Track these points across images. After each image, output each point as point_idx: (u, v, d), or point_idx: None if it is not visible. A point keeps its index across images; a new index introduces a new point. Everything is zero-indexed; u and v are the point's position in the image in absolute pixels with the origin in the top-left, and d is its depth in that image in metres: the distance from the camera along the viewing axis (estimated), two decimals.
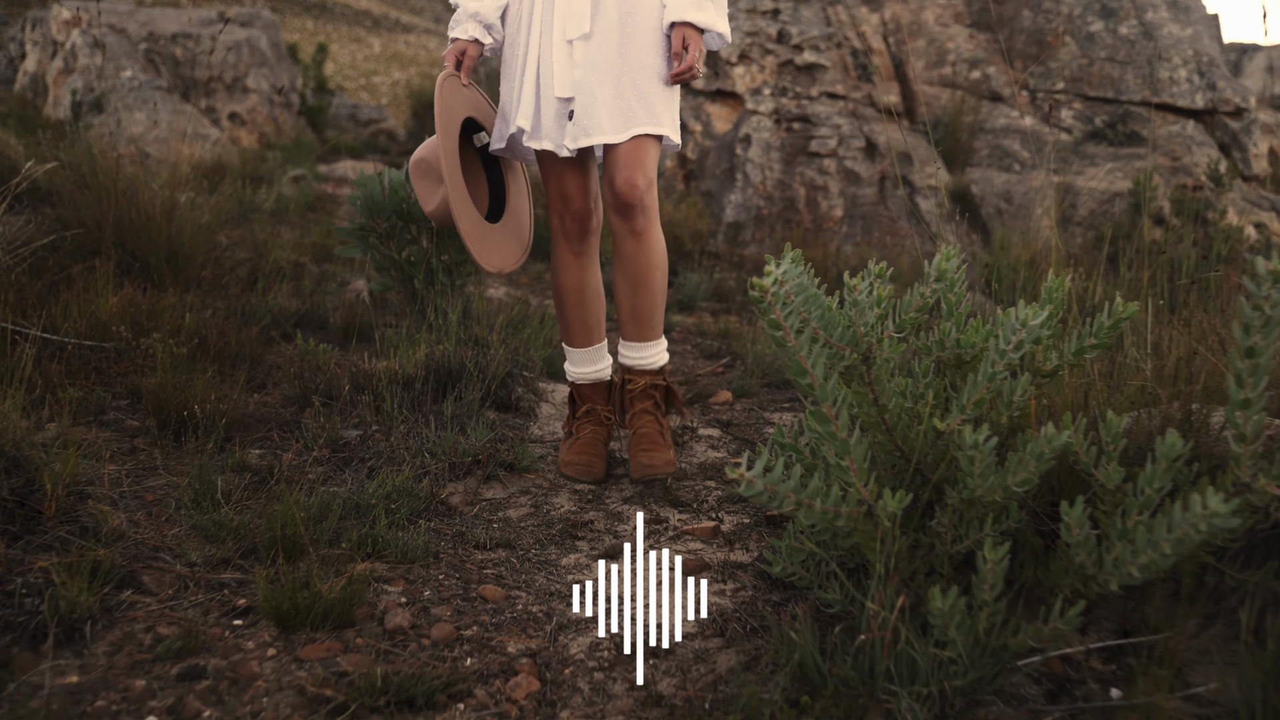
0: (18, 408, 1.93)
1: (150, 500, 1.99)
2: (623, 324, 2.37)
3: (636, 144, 2.21)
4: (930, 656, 1.36)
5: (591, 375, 2.44)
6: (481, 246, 2.28)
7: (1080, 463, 1.51)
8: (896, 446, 1.57)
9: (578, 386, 2.45)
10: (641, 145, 2.22)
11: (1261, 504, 1.42)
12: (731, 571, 1.82)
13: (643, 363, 2.36)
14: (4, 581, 1.54)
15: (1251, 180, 5.29)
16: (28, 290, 3.14)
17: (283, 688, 1.40)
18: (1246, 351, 1.36)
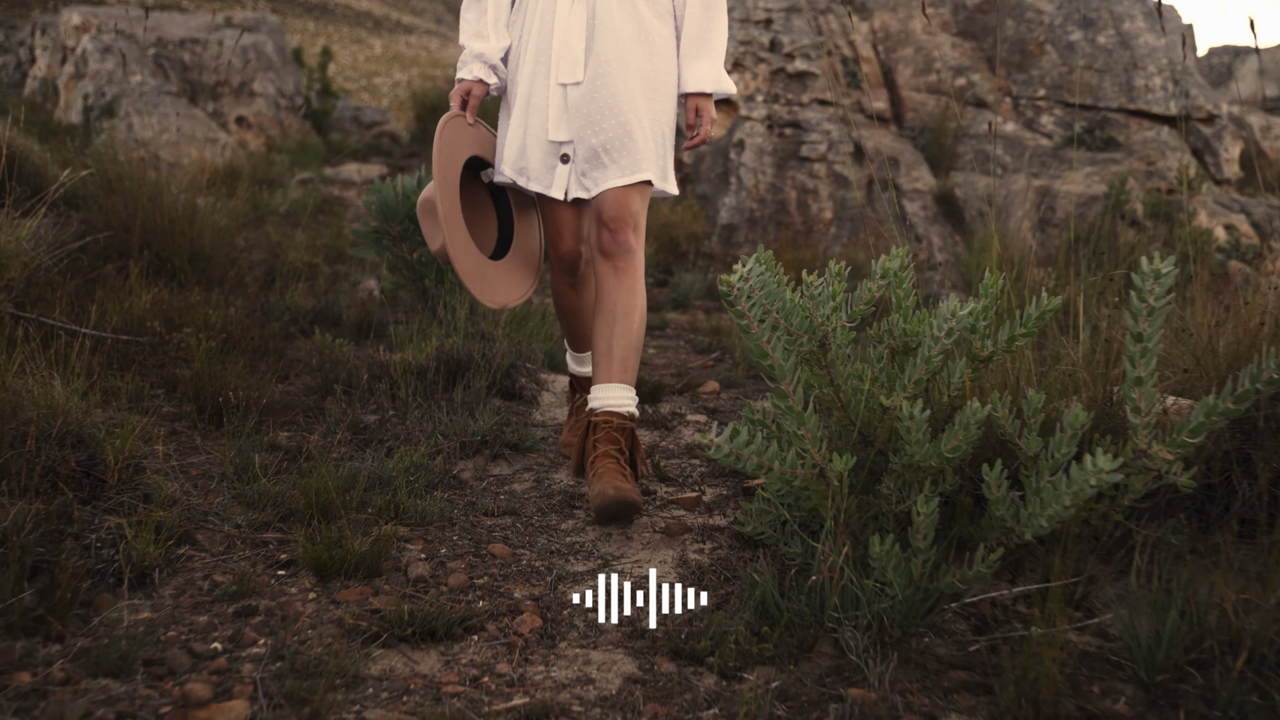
0: (78, 392, 2.20)
1: (194, 474, 2.26)
2: (596, 364, 2.30)
3: (637, 188, 2.29)
4: (871, 594, 1.63)
5: (589, 370, 2.63)
6: (483, 285, 2.35)
7: (1005, 433, 1.78)
8: (850, 421, 1.84)
9: (577, 378, 2.68)
10: (641, 190, 2.30)
11: (1155, 467, 1.68)
12: (710, 533, 2.09)
13: (612, 405, 2.25)
14: (81, 536, 1.81)
15: (1223, 183, 5.55)
16: (64, 289, 3.41)
17: (324, 622, 1.67)
18: (1135, 337, 1.63)
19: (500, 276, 2.43)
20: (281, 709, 1.41)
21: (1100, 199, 5.16)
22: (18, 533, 1.69)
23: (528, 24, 2.37)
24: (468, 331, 3.21)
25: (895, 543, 1.63)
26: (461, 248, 2.31)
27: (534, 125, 2.31)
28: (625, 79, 2.27)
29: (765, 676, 1.53)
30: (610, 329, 2.29)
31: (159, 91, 8.92)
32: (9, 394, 2.05)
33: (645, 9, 2.32)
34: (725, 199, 5.68)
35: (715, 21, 2.39)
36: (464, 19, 2.46)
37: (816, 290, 1.76)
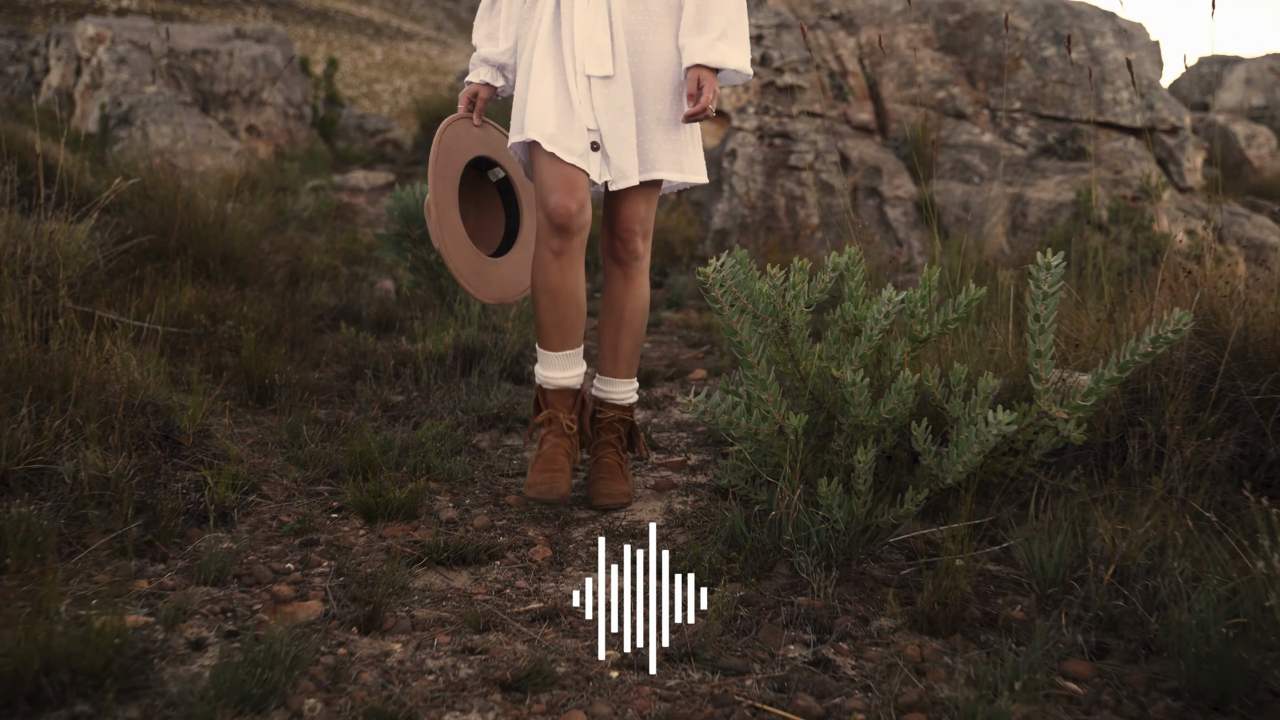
0: (156, 370, 2.60)
1: (250, 443, 2.65)
2: (602, 359, 2.50)
3: (642, 192, 2.37)
4: (819, 526, 2.02)
5: (560, 381, 2.38)
6: (477, 281, 2.42)
7: (935, 399, 2.17)
8: (808, 390, 2.23)
9: (544, 392, 2.40)
10: (647, 194, 2.38)
11: (1052, 424, 2.08)
12: (692, 488, 2.49)
13: (614, 397, 2.48)
14: (169, 484, 2.20)
15: (1186, 191, 5.96)
16: (111, 286, 3.81)
17: (373, 550, 2.06)
18: (1034, 318, 2.03)
19: (498, 273, 2.49)
20: (348, 607, 1.80)
21: (1069, 205, 5.56)
22: (121, 479, 2.09)
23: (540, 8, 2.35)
24: (481, 324, 3.61)
25: (840, 485, 2.03)
26: (455, 244, 2.38)
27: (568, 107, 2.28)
28: (645, 73, 2.32)
29: (732, 589, 1.92)
30: (617, 329, 2.47)
31: (174, 101, 9.34)
32: (99, 371, 2.45)
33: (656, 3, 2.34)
34: (718, 205, 6.08)
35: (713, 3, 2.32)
36: (477, 24, 2.53)
37: (779, 280, 2.16)
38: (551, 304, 2.34)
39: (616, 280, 2.47)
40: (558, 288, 2.33)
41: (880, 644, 1.76)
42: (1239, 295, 2.37)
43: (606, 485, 2.37)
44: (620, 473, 2.41)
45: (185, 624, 1.69)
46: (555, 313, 2.35)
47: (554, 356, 2.38)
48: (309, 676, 1.55)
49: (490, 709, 1.51)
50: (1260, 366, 2.21)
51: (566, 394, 2.40)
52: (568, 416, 2.38)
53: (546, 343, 2.38)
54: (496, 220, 2.63)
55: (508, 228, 2.63)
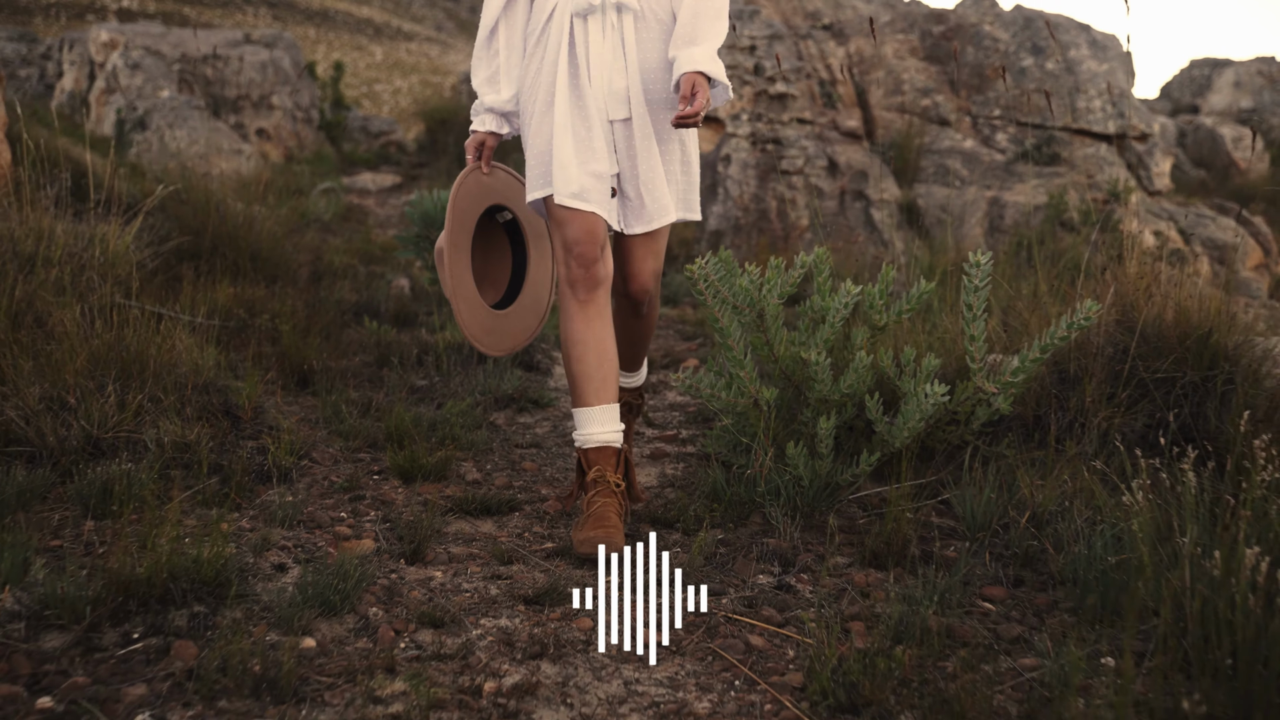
0: (214, 355, 3.01)
1: (296, 419, 3.07)
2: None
3: (657, 234, 2.45)
4: (788, 483, 2.43)
5: (600, 437, 2.33)
6: (486, 339, 2.49)
7: (888, 377, 2.59)
8: (780, 369, 2.65)
9: (585, 452, 2.35)
10: (661, 235, 2.47)
11: (986, 398, 2.49)
12: (683, 456, 2.91)
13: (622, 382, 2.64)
14: (235, 449, 2.62)
15: (1155, 194, 6.37)
16: (153, 283, 4.22)
17: (412, 503, 2.48)
18: (967, 307, 2.44)
19: (505, 325, 2.55)
20: (395, 544, 2.22)
21: (1043, 208, 5.98)
22: (199, 444, 2.50)
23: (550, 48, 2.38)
24: None
25: (805, 449, 2.44)
26: (468, 307, 2.44)
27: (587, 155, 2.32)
28: (656, 119, 2.38)
29: (713, 533, 2.34)
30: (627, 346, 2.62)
31: (188, 106, 9.75)
32: (169, 356, 2.86)
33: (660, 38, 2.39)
34: (714, 208, 6.50)
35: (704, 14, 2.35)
36: (476, 63, 2.52)
37: (756, 276, 2.57)
38: (582, 356, 2.33)
39: (628, 315, 2.59)
40: (585, 339, 2.33)
41: (834, 575, 2.17)
42: (1150, 290, 2.78)
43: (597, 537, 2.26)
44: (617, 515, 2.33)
45: (268, 553, 2.10)
46: (586, 364, 2.33)
47: (591, 412, 2.34)
48: (370, 593, 1.97)
49: (516, 616, 1.93)
50: (1164, 350, 2.62)
51: (609, 451, 2.34)
52: (615, 475, 2.32)
53: (582, 398, 2.35)
54: (504, 261, 2.68)
55: (514, 268, 2.67)
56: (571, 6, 2.36)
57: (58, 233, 3.85)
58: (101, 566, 1.88)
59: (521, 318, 2.59)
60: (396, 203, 9.11)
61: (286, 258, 5.21)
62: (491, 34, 2.51)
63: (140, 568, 1.82)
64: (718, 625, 1.92)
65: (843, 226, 6.33)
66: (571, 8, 2.36)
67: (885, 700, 1.62)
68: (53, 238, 3.83)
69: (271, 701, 1.57)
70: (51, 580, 1.79)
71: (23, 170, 4.91)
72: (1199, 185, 11.48)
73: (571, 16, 2.37)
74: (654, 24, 2.40)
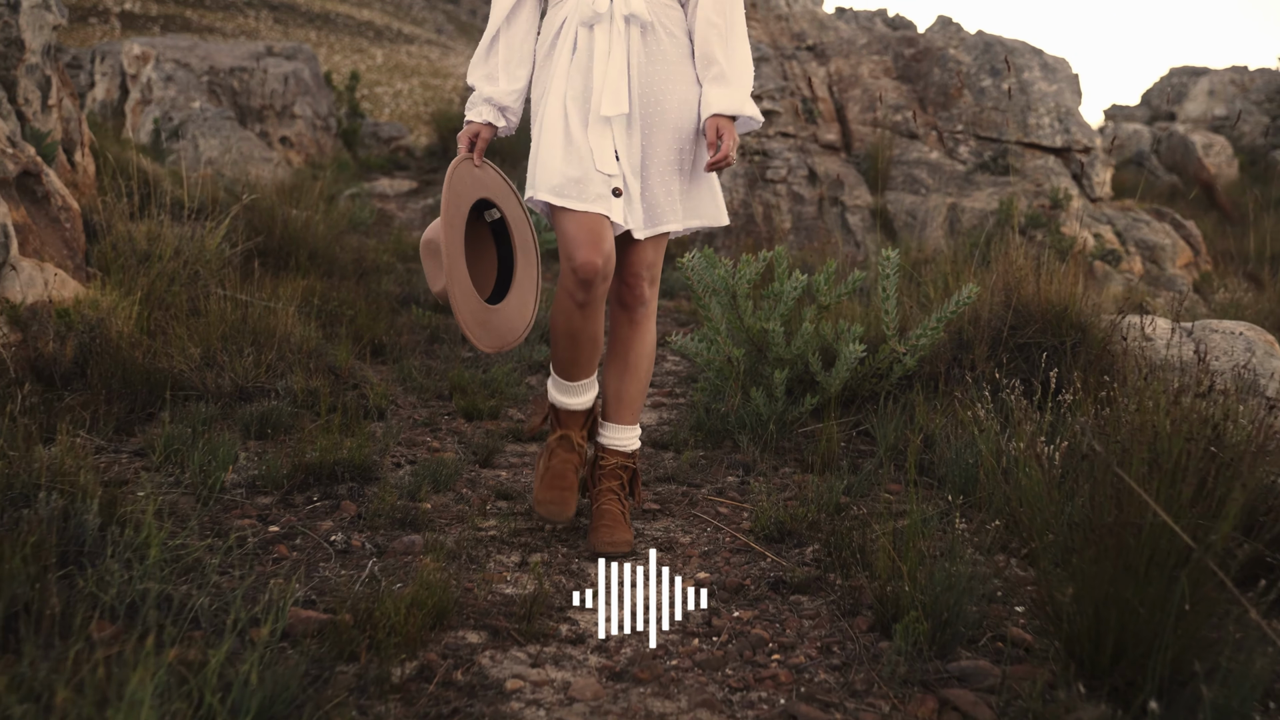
0: (317, 329, 4.01)
1: (379, 378, 4.06)
2: (606, 404, 2.66)
3: (653, 241, 2.51)
4: (752, 418, 3.42)
5: (574, 404, 2.60)
6: (480, 332, 2.48)
7: (828, 341, 3.57)
8: (747, 336, 3.63)
9: (557, 411, 2.64)
10: (655, 241, 2.52)
11: (898, 357, 3.47)
12: (676, 405, 3.90)
13: (618, 444, 2.64)
14: (341, 396, 3.61)
15: (1096, 201, 7.37)
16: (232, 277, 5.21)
17: (477, 433, 3.47)
18: (882, 289, 3.43)
19: (497, 320, 2.54)
20: (470, 456, 3.21)
21: (995, 212, 6.98)
22: (320, 390, 3.49)
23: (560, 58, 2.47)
24: None
25: (765, 393, 3.43)
26: (462, 295, 2.43)
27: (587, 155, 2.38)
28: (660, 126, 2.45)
29: (696, 451, 3.32)
30: (622, 375, 2.63)
31: (219, 116, 10.74)
32: (281, 328, 3.85)
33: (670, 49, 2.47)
34: None
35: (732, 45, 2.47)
36: (476, 58, 2.59)
37: (730, 268, 3.56)
38: (571, 345, 2.50)
39: (623, 325, 2.62)
40: (579, 332, 2.47)
41: (781, 478, 3.16)
42: (1026, 278, 3.76)
43: (609, 533, 2.49)
44: (622, 520, 2.54)
45: (387, 455, 3.09)
46: (574, 352, 2.52)
47: (568, 384, 2.59)
48: (460, 481, 2.95)
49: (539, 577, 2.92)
50: (1033, 321, 3.61)
51: (579, 414, 2.62)
52: (578, 434, 2.61)
53: (564, 373, 2.58)
54: (490, 259, 2.70)
55: (501, 268, 2.70)
56: (579, 18, 2.46)
57: (169, 236, 4.85)
58: (287, 457, 2.88)
59: (509, 318, 2.59)
60: (415, 206, 10.11)
61: (336, 256, 6.20)
62: (492, 41, 2.60)
63: (311, 457, 2.82)
64: (697, 501, 2.91)
65: (821, 229, 7.33)
66: (579, 19, 2.46)
67: (801, 533, 2.61)
68: (164, 239, 4.83)
69: (413, 530, 2.56)
70: (256, 463, 2.79)
71: (104, 180, 5.94)
72: (1169, 190, 12.48)
73: (578, 26, 2.47)
74: (665, 38, 2.48)
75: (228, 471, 2.74)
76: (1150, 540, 1.78)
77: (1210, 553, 1.74)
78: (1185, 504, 1.84)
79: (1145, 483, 1.87)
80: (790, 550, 2.56)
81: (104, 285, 4.22)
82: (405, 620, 1.91)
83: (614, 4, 2.46)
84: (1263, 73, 15.12)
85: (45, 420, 3.00)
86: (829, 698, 1.85)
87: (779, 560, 2.48)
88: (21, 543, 1.87)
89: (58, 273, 4.17)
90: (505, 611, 2.11)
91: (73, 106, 6.38)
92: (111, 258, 4.58)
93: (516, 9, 2.57)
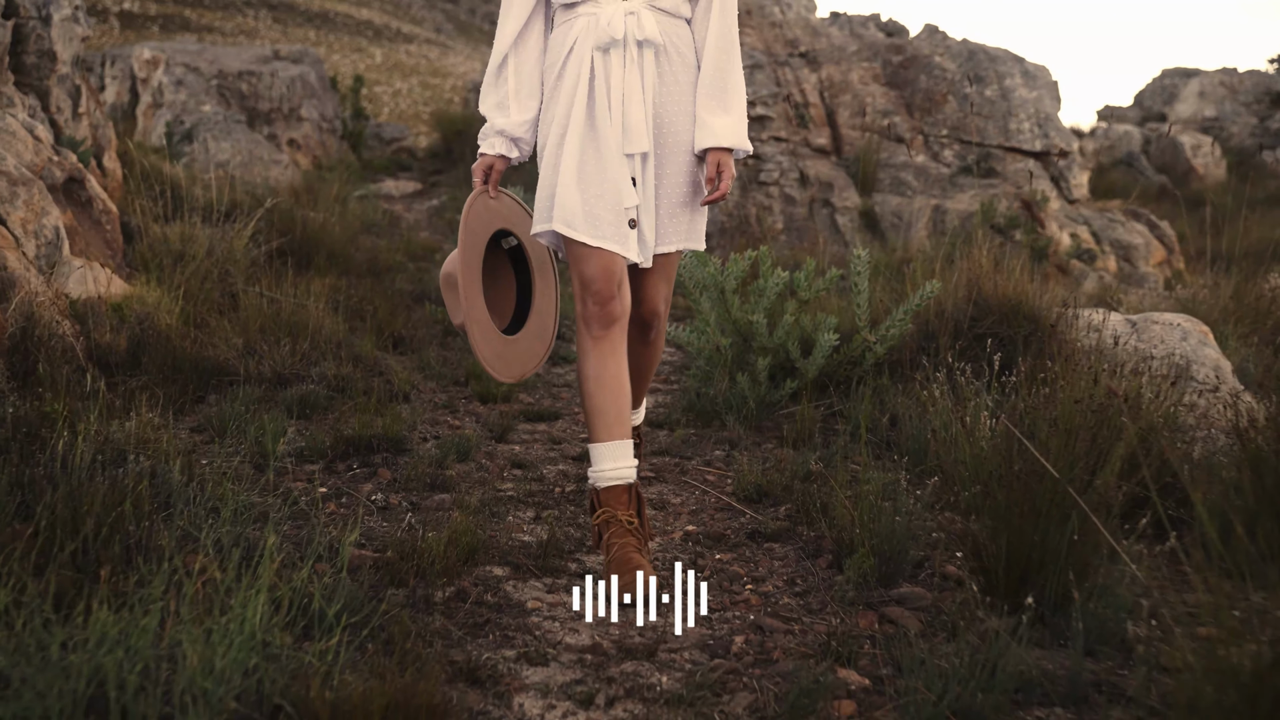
0: (344, 322, 4.46)
1: (402, 367, 4.51)
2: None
3: (667, 261, 2.58)
4: (738, 399, 3.88)
5: (611, 475, 2.45)
6: (500, 364, 2.57)
7: (807, 332, 4.03)
8: (734, 327, 4.09)
9: (597, 492, 2.47)
10: (671, 262, 2.59)
11: (870, 345, 3.93)
12: (670, 390, 4.36)
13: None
14: (370, 381, 4.06)
15: (1074, 202, 7.84)
16: (254, 275, 5.67)
17: (493, 414, 3.93)
18: (854, 285, 3.89)
19: (516, 351, 2.61)
20: (486, 432, 3.67)
21: (976, 213, 7.44)
22: (351, 377, 3.95)
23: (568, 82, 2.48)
24: None
25: (749, 378, 3.89)
26: (481, 335, 2.51)
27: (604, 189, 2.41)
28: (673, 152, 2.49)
29: (688, 429, 3.78)
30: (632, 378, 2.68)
31: (230, 120, 11.20)
32: (309, 319, 4.30)
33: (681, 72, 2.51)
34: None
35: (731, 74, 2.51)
36: (486, 85, 2.63)
37: (718, 266, 4.02)
38: (595, 391, 2.46)
39: (635, 343, 2.73)
40: (600, 375, 2.45)
41: (762, 452, 3.62)
42: (986, 275, 4.22)
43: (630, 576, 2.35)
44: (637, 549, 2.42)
45: (414, 431, 3.55)
46: (600, 399, 2.46)
47: (603, 448, 2.45)
48: (479, 453, 3.41)
49: (567, 463, 3.38)
50: (988, 313, 4.07)
51: (619, 490, 2.45)
52: (625, 513, 2.43)
53: (595, 434, 2.48)
54: (508, 288, 2.77)
55: (519, 295, 2.77)
56: (593, 41, 2.45)
57: (201, 237, 5.30)
58: (328, 431, 3.33)
59: (529, 344, 2.65)
60: (421, 208, 10.57)
61: (351, 256, 6.66)
62: (501, 65, 2.60)
63: (350, 432, 3.27)
64: (687, 470, 3.37)
65: (811, 230, 7.79)
66: (593, 42, 2.45)
67: (776, 495, 3.07)
68: (196, 240, 5.28)
69: (442, 491, 3.01)
70: (302, 437, 3.25)
71: (131, 183, 6.41)
72: (1159, 190, 12.94)
73: (592, 51, 2.45)
74: (676, 59, 2.51)
75: (280, 442, 3.20)
76: (1050, 486, 2.24)
77: (1092, 494, 2.20)
78: (1079, 456, 2.30)
79: (1048, 441, 2.33)
80: (767, 509, 3.02)
81: (147, 282, 4.68)
82: (444, 554, 2.37)
83: (628, 28, 2.45)
84: (1252, 74, 15.58)
85: (112, 400, 3.45)
86: (790, 615, 2.31)
87: (756, 516, 2.94)
88: (129, 491, 2.33)
89: (104, 270, 4.63)
90: (524, 553, 2.57)
91: (100, 114, 6.84)
92: (149, 257, 5.05)
93: (526, 32, 2.58)
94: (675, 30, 2.53)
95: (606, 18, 2.45)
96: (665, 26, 2.51)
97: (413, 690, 1.62)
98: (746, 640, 2.16)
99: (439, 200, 10.74)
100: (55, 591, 1.90)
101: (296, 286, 5.43)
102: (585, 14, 2.49)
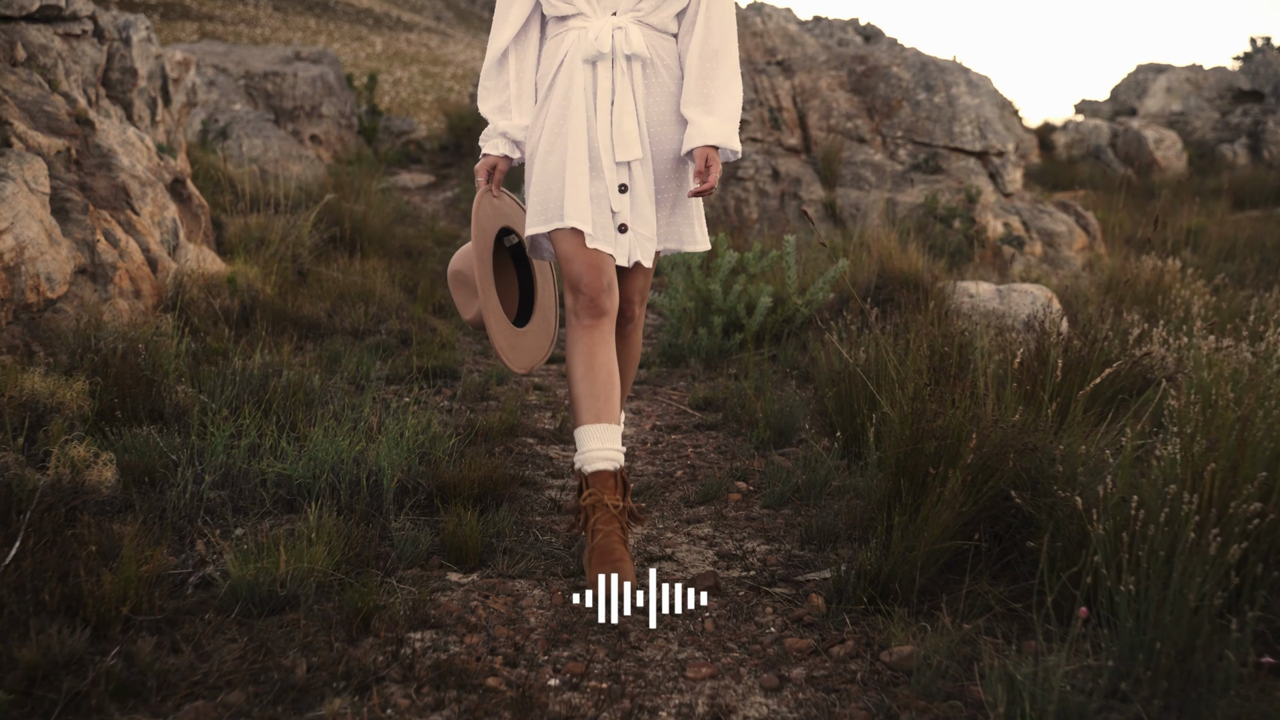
0: (399, 293, 6.03)
1: (444, 327, 6.07)
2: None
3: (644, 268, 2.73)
4: (701, 345, 5.43)
5: (598, 458, 2.55)
6: (514, 355, 2.72)
7: (752, 299, 5.59)
8: (698, 294, 5.64)
9: (584, 476, 2.58)
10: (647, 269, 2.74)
11: (799, 308, 5.48)
12: (649, 343, 5.94)
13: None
14: (426, 334, 5.63)
15: (1009, 195, 9.39)
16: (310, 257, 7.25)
17: (513, 386, 5.50)
18: (785, 261, 5.45)
19: (526, 342, 2.80)
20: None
21: (922, 205, 9.00)
22: (411, 331, 5.51)
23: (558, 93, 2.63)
24: None
25: (707, 331, 5.45)
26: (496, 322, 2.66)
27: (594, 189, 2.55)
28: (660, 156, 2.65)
29: (661, 369, 5.35)
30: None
31: (260, 119, 12.71)
32: (374, 290, 5.86)
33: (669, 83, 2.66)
34: None
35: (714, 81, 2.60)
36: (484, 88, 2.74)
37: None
38: (585, 375, 2.57)
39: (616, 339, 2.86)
40: (590, 361, 2.57)
41: (717, 384, 5.17)
42: (892, 253, 5.77)
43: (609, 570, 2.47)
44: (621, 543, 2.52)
45: (464, 366, 5.11)
46: (589, 383, 2.57)
47: (590, 430, 2.56)
48: (511, 380, 4.97)
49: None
50: (893, 283, 5.61)
51: (605, 475, 2.56)
52: (612, 497, 2.53)
53: (581, 417, 2.58)
54: (511, 284, 2.95)
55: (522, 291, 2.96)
56: (581, 54, 2.62)
57: (275, 226, 6.87)
58: (403, 365, 4.89)
59: (535, 338, 2.85)
60: (437, 199, 12.12)
61: (388, 241, 8.22)
62: (501, 60, 2.73)
63: (420, 364, 4.84)
64: (658, 393, 4.93)
65: (781, 219, 9.34)
66: (581, 55, 2.62)
67: (717, 404, 4.63)
68: (272, 228, 6.85)
69: (489, 399, 4.57)
70: (385, 368, 4.83)
71: (198, 180, 8.00)
72: (1122, 182, 14.47)
73: (582, 63, 2.61)
74: (663, 71, 2.67)
75: (372, 369, 4.76)
76: (862, 385, 3.79)
77: (894, 387, 3.76)
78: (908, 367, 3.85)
79: (889, 361, 3.88)
80: (711, 414, 4.58)
81: (243, 261, 6.25)
82: (496, 426, 3.93)
83: (615, 42, 2.59)
84: (1216, 71, 17.10)
85: (249, 340, 5.02)
86: (713, 459, 3.87)
87: (702, 416, 4.51)
88: (294, 390, 3.89)
89: (210, 252, 6.21)
90: (547, 433, 4.13)
91: (172, 120, 8.42)
92: (236, 243, 6.62)
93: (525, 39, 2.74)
94: (662, 45, 2.70)
95: (594, 32, 2.61)
96: (652, 41, 2.67)
97: (496, 471, 3.18)
98: (683, 471, 3.73)
99: (452, 192, 12.25)
100: (284, 424, 3.48)
101: (353, 265, 7.00)
102: (575, 28, 2.66)
